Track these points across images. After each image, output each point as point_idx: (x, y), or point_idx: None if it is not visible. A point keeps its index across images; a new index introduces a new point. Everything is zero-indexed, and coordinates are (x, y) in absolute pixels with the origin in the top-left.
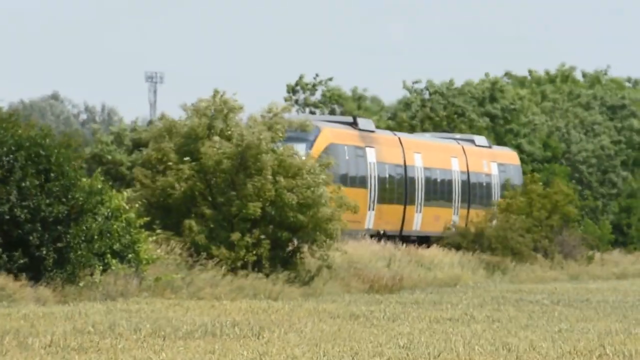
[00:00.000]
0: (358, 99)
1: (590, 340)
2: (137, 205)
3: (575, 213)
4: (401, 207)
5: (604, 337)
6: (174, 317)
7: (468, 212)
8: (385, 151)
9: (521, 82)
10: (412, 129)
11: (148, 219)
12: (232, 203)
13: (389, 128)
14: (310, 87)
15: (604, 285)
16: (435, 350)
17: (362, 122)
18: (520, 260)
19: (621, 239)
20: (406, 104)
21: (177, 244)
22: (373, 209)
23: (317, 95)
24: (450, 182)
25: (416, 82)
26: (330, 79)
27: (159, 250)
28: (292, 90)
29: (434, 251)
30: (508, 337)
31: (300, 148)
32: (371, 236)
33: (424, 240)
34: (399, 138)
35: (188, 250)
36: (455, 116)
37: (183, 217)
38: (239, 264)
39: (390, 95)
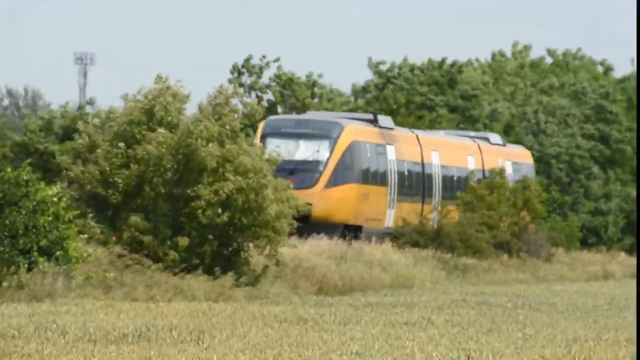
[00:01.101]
0: (312, 84)
1: (557, 347)
2: (65, 197)
3: (543, 210)
4: (419, 205)
5: (572, 343)
6: (105, 320)
7: None
8: (404, 149)
9: (483, 69)
10: None
11: (77, 212)
12: (180, 202)
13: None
14: (257, 69)
15: (573, 288)
16: (390, 357)
17: (382, 120)
18: (481, 258)
19: (591, 239)
20: (363, 89)
21: (113, 240)
22: (393, 207)
23: (265, 79)
24: (466, 180)
25: (381, 62)
26: (278, 60)
27: (90, 249)
28: (237, 71)
29: (389, 249)
30: (468, 342)
31: (323, 146)
32: (389, 234)
33: None
34: (417, 136)
35: (126, 248)
36: (420, 105)
37: (120, 210)
38: (182, 265)
39: (347, 81)
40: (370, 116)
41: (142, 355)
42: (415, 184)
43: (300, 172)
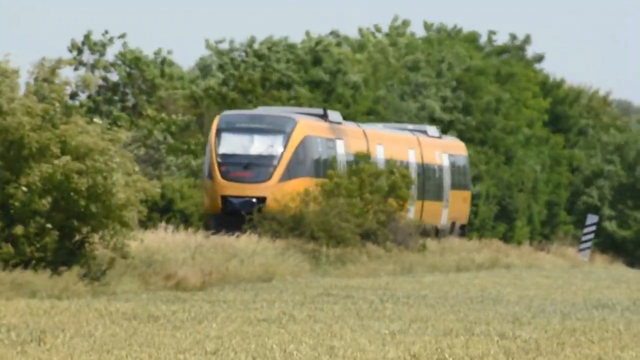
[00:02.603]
0: (162, 62)
1: (427, 343)
2: None
3: (409, 195)
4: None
5: (443, 338)
6: None
7: (422, 205)
8: (352, 143)
9: (352, 44)
10: (222, 100)
11: None
12: (9, 190)
13: (193, 97)
14: (99, 46)
15: (443, 279)
16: (248, 356)
17: (332, 115)
18: (346, 249)
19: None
20: (221, 67)
21: None
22: None
23: (109, 57)
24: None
25: (219, 41)
26: (123, 36)
27: None
28: (77, 49)
29: (248, 240)
30: (332, 340)
31: (277, 141)
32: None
33: None
34: (364, 130)
35: None
36: (278, 85)
37: None
38: (19, 259)
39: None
40: (320, 111)
41: None
42: None
43: (255, 167)
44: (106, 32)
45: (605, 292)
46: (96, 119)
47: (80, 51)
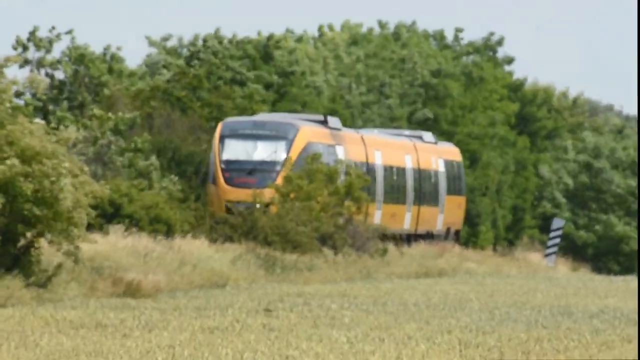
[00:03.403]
0: (111, 58)
1: (387, 352)
2: None
3: (368, 199)
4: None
5: (403, 347)
6: None
7: (419, 210)
8: (351, 149)
9: (310, 40)
10: (168, 96)
11: None
12: None
13: (137, 96)
14: (45, 43)
15: (403, 285)
16: None
17: (332, 121)
18: (302, 254)
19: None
20: (164, 67)
21: None
22: None
23: (57, 53)
24: (404, 179)
25: (165, 38)
26: (71, 32)
27: None
28: (22, 46)
29: (200, 245)
30: (288, 349)
31: (280, 147)
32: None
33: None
34: (362, 136)
35: None
36: (231, 82)
37: None
38: None
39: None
40: (320, 117)
41: None
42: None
43: (258, 172)
44: (53, 28)
45: (571, 299)
46: (37, 119)
47: (25, 48)
